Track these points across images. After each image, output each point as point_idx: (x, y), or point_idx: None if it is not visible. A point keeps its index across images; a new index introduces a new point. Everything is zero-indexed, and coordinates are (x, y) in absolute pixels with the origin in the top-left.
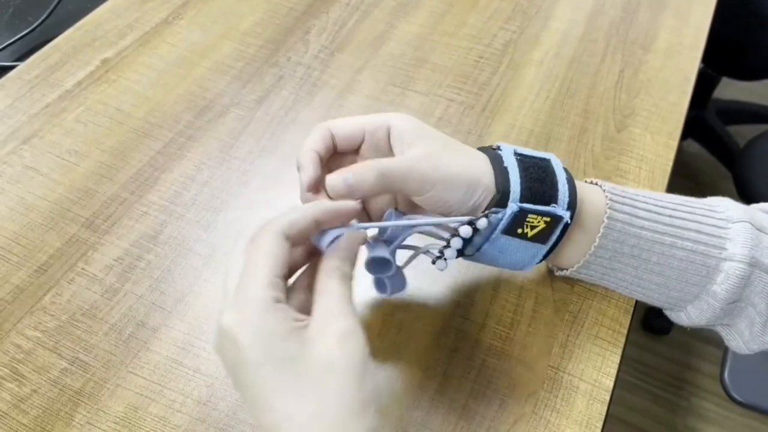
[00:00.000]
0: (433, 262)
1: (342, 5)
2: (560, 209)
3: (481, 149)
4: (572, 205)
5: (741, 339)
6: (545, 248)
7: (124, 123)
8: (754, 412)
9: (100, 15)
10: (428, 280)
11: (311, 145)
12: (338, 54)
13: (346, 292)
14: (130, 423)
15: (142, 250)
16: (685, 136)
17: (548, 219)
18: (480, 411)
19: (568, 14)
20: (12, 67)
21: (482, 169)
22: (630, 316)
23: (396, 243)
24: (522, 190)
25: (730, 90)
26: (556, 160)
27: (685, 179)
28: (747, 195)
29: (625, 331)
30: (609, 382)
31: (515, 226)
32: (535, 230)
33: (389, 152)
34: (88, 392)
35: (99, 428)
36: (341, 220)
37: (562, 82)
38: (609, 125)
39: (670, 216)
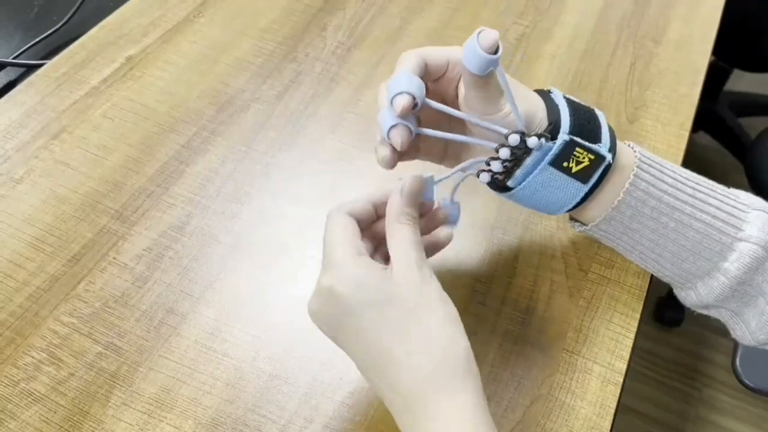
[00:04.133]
0: (477, 175)
1: (358, 2)
2: (604, 149)
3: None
4: (613, 150)
5: (747, 329)
6: (584, 189)
7: (149, 118)
8: (765, 397)
9: (123, 14)
10: (446, 267)
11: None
12: (355, 50)
13: (417, 236)
14: (162, 404)
15: (170, 240)
16: (696, 128)
17: (593, 156)
18: (497, 393)
19: (579, 8)
20: (39, 66)
21: (540, 102)
22: (642, 302)
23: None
24: (572, 126)
25: (741, 82)
26: (600, 113)
27: (697, 171)
28: (758, 186)
29: (638, 316)
30: (622, 365)
31: (562, 159)
32: (580, 166)
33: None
34: (122, 375)
35: (134, 409)
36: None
37: (575, 75)
38: (621, 117)
39: (693, 188)
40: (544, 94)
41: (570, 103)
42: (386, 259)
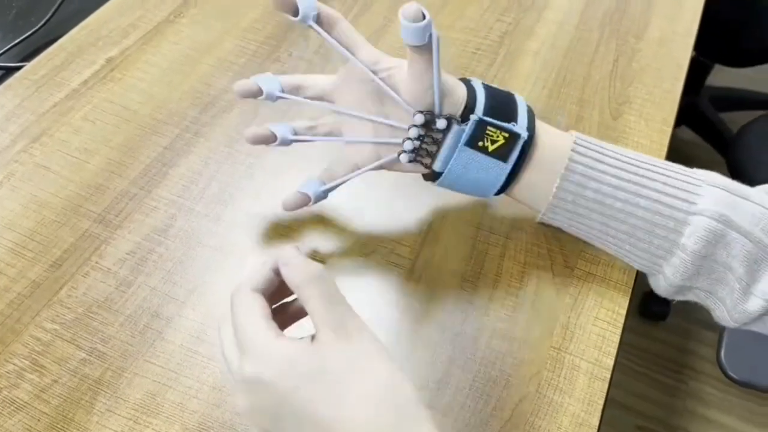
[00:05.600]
0: (397, 156)
1: (341, 0)
2: (518, 128)
3: None
4: (531, 129)
5: (724, 308)
6: (506, 167)
7: (131, 120)
8: (750, 389)
9: (103, 14)
10: (434, 266)
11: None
12: None
13: (331, 291)
14: (148, 409)
15: (154, 243)
16: (678, 123)
17: (507, 135)
18: (486, 391)
19: (562, 5)
20: (18, 68)
21: (462, 88)
22: (628, 298)
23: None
24: (485, 108)
25: (722, 77)
26: (520, 97)
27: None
28: (740, 180)
29: (624, 312)
30: (609, 361)
31: (477, 138)
32: (496, 144)
33: None
34: (107, 381)
35: (119, 415)
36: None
37: (558, 72)
38: (604, 113)
39: (636, 167)
40: (466, 82)
41: (487, 88)
42: (291, 318)
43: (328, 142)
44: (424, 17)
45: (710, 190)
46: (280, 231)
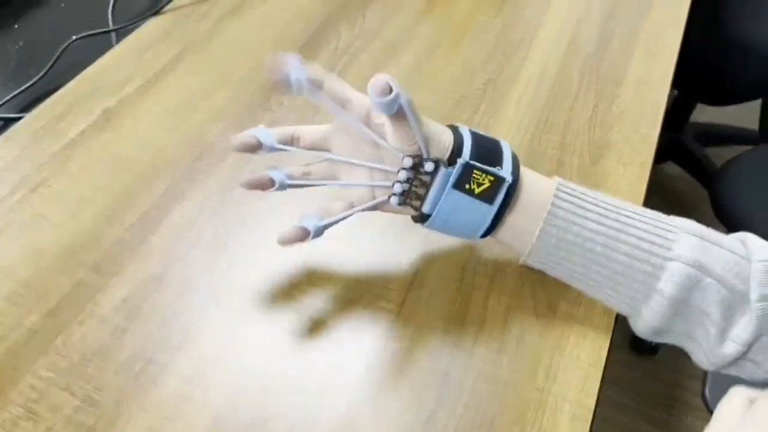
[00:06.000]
0: (388, 198)
1: (330, 50)
2: (503, 172)
3: None
4: (515, 173)
5: (702, 351)
6: (492, 209)
7: (127, 169)
8: None
9: (100, 66)
10: (420, 308)
11: None
12: None
13: None
14: None
15: (149, 290)
16: (664, 158)
17: (492, 178)
18: None
19: (544, 53)
20: (17, 119)
21: (449, 135)
22: (609, 338)
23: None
24: (471, 152)
25: (707, 113)
26: (505, 143)
27: (665, 201)
28: (723, 214)
29: (605, 353)
30: (591, 402)
31: (464, 181)
32: (482, 187)
33: None
34: (100, 429)
35: None
36: None
37: (540, 119)
38: (584, 158)
39: (616, 213)
40: (453, 129)
41: (474, 134)
42: None
43: (323, 187)
44: (391, 90)
45: (685, 237)
46: (274, 277)
